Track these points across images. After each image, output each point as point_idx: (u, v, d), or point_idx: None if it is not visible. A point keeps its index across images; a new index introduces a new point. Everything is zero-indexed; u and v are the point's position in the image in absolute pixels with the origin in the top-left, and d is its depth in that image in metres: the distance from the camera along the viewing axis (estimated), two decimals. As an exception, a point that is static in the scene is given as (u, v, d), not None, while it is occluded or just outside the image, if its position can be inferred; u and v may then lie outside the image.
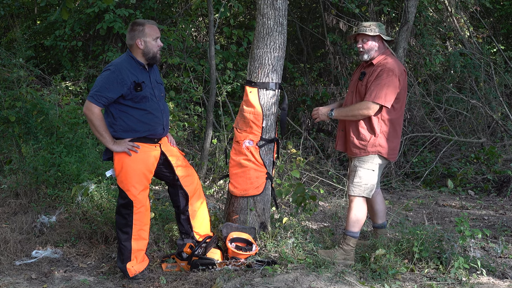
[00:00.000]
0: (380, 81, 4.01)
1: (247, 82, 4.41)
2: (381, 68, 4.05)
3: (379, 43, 4.17)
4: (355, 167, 4.20)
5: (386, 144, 4.11)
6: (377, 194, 4.49)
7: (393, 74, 4.00)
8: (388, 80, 3.99)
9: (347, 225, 4.22)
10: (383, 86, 3.99)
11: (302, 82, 9.32)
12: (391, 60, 4.11)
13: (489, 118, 8.14)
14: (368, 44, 4.15)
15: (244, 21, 10.28)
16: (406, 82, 4.18)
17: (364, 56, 4.19)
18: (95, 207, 4.99)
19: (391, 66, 4.04)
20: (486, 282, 3.88)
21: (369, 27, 4.14)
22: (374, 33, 4.11)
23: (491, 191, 6.76)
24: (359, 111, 4.06)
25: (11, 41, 9.58)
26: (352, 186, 4.20)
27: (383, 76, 4.01)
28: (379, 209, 4.49)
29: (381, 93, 3.98)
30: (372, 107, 4.01)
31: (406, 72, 4.19)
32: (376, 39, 4.16)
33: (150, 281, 3.89)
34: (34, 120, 5.83)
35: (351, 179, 4.23)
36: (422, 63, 8.84)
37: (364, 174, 4.15)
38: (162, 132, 3.99)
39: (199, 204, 4.20)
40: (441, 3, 9.57)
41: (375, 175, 4.16)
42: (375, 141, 4.09)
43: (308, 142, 7.91)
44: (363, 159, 4.15)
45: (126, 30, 4.04)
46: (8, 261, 4.23)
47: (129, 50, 3.94)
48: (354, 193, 4.18)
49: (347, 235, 4.19)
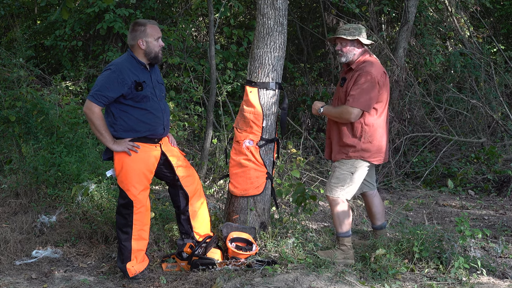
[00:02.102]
0: (358, 86, 4.02)
1: (247, 82, 4.41)
2: (359, 73, 4.06)
3: (358, 47, 4.16)
4: (334, 168, 4.23)
5: (370, 147, 4.12)
6: (373, 196, 4.49)
7: (371, 78, 4.01)
8: (366, 85, 4.00)
9: (336, 228, 4.24)
10: (361, 91, 4.00)
11: (302, 82, 9.32)
12: (369, 63, 4.10)
13: (489, 118, 8.14)
14: (347, 48, 4.15)
15: (244, 21, 10.28)
16: (388, 83, 4.18)
17: (342, 59, 4.20)
18: (95, 207, 4.99)
19: (369, 69, 4.04)
20: (486, 282, 3.88)
21: (348, 30, 4.14)
22: (353, 37, 4.11)
23: (491, 191, 6.76)
24: (341, 115, 4.10)
25: (11, 41, 9.58)
26: (329, 186, 4.22)
27: (361, 80, 4.02)
28: (377, 211, 4.50)
29: (360, 98, 4.00)
30: (353, 113, 4.02)
31: (386, 73, 4.18)
32: (355, 43, 4.16)
33: (150, 281, 3.89)
34: (34, 120, 5.83)
35: (329, 179, 4.28)
36: (422, 63, 8.84)
37: (342, 176, 4.17)
38: (163, 132, 3.99)
39: (199, 204, 4.20)
40: (441, 3, 9.57)
41: (354, 178, 4.17)
42: (359, 145, 4.11)
43: (308, 142, 7.91)
44: (343, 162, 4.17)
45: (126, 30, 4.05)
46: (8, 261, 4.23)
47: (130, 50, 3.94)
48: (331, 194, 4.20)
49: (339, 237, 4.21)
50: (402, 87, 8.13)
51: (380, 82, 4.05)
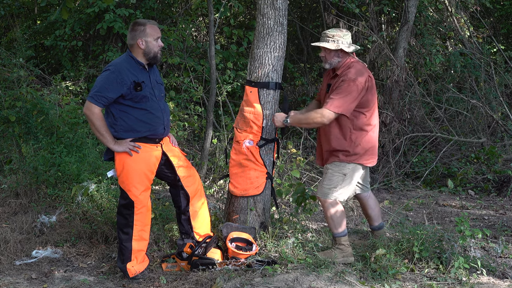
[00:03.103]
0: (339, 90, 4.00)
1: (247, 82, 4.41)
2: (342, 79, 4.05)
3: (342, 54, 4.13)
4: (326, 169, 4.22)
5: (360, 151, 4.12)
6: (368, 198, 4.49)
7: (353, 84, 3.98)
8: (348, 90, 3.98)
9: (331, 229, 4.24)
10: (341, 95, 3.98)
11: (302, 82, 9.32)
12: (353, 69, 4.07)
13: (489, 118, 8.14)
14: (331, 55, 4.13)
15: (244, 21, 10.28)
16: (374, 87, 4.15)
17: (326, 65, 4.19)
18: (95, 207, 4.99)
19: (352, 75, 4.01)
20: (486, 282, 3.88)
21: (332, 38, 4.09)
22: (336, 48, 4.07)
23: (491, 191, 6.76)
24: (313, 119, 4.06)
25: (11, 41, 9.58)
26: (321, 188, 4.21)
27: (343, 86, 4.00)
28: (372, 213, 4.50)
29: (339, 102, 3.97)
30: (327, 115, 3.99)
31: (372, 77, 4.14)
32: (339, 51, 4.12)
33: (150, 281, 3.89)
34: (34, 120, 5.83)
35: (321, 181, 4.27)
36: (422, 63, 8.84)
37: (334, 178, 4.16)
38: (163, 132, 3.99)
39: (200, 205, 4.20)
40: (441, 3, 9.57)
41: (346, 180, 4.17)
42: (350, 149, 4.10)
43: (308, 142, 7.92)
44: (336, 164, 4.17)
45: (126, 30, 4.05)
46: (8, 261, 4.23)
47: (129, 50, 3.95)
48: (323, 196, 4.19)
49: (336, 237, 4.21)
50: (402, 87, 8.14)
51: (365, 85, 4.04)
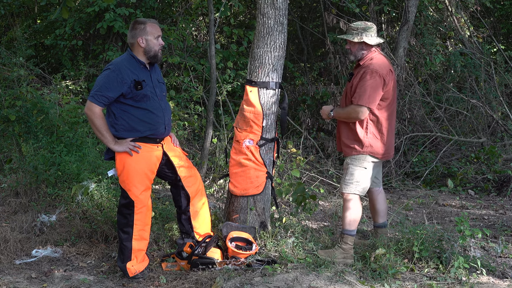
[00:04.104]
0: (363, 83, 4.07)
1: (248, 81, 4.41)
2: (364, 70, 4.11)
3: (366, 46, 4.20)
4: (347, 165, 4.27)
5: (377, 144, 4.18)
6: (378, 193, 4.51)
7: (376, 75, 4.05)
8: (371, 82, 4.05)
9: (343, 224, 4.26)
10: (366, 88, 4.05)
11: (302, 82, 9.31)
12: (376, 60, 4.15)
13: (489, 117, 8.14)
14: (355, 47, 4.22)
15: (245, 21, 10.28)
16: (395, 81, 4.23)
17: (351, 57, 4.28)
18: (95, 206, 4.99)
19: (375, 67, 4.08)
20: (486, 281, 3.88)
21: (356, 30, 4.18)
22: (359, 40, 4.15)
23: (491, 190, 6.76)
24: (350, 115, 4.15)
25: (11, 40, 9.57)
26: (344, 183, 4.25)
27: (366, 77, 4.07)
28: (380, 208, 4.51)
29: (365, 95, 4.04)
30: (360, 111, 4.08)
31: (393, 71, 4.22)
32: (363, 43, 4.19)
33: (150, 280, 3.89)
34: (34, 119, 5.83)
35: (343, 177, 4.31)
36: (422, 63, 8.83)
37: (355, 172, 4.21)
38: (164, 132, 3.99)
39: (200, 205, 4.20)
40: (441, 2, 9.57)
41: (367, 173, 4.22)
42: (365, 141, 4.16)
43: (308, 142, 7.91)
44: (355, 157, 4.21)
45: (127, 30, 4.05)
46: (8, 260, 4.23)
47: (129, 49, 3.94)
48: (346, 190, 4.23)
49: (345, 234, 4.22)
50: (402, 87, 8.14)
51: (386, 79, 4.08)
